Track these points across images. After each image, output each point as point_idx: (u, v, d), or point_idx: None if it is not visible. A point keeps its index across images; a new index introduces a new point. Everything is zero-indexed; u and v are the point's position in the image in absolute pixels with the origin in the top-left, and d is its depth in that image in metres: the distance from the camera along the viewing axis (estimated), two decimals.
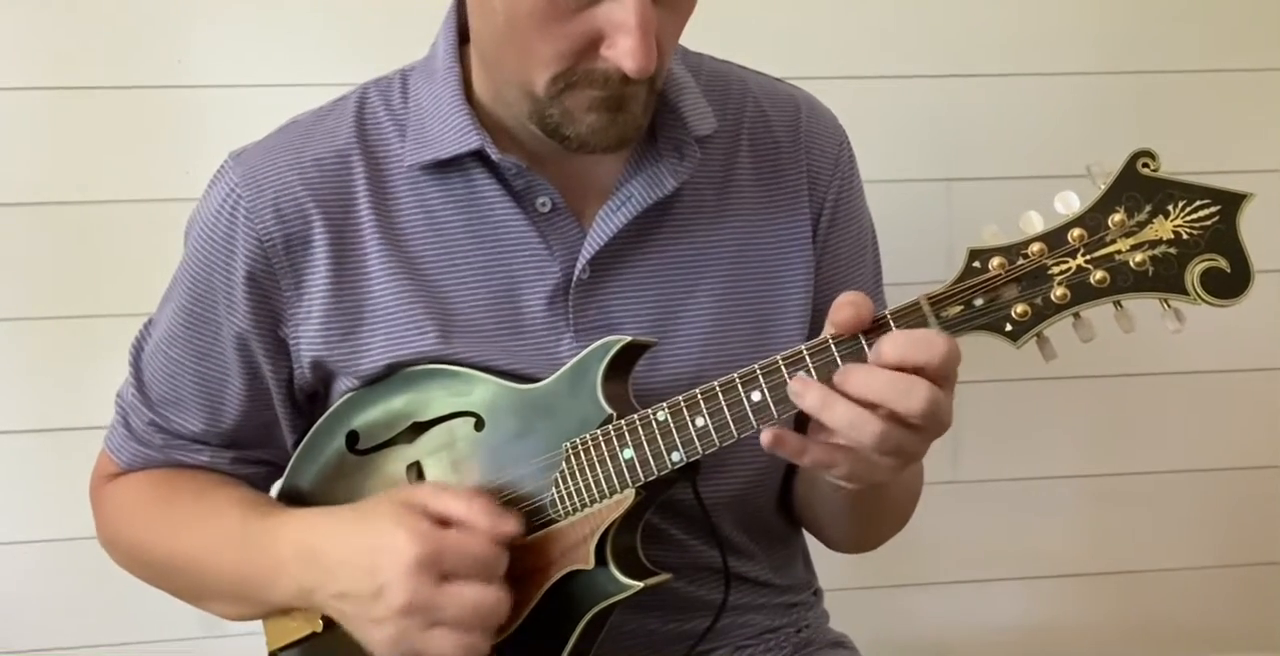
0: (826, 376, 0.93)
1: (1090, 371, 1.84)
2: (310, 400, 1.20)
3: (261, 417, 1.20)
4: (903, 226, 1.59)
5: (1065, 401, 1.86)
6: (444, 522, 1.00)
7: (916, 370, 0.89)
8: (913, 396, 0.89)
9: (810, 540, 1.33)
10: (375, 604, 0.98)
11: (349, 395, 1.15)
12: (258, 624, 1.20)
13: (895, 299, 1.06)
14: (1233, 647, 1.96)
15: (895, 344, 0.90)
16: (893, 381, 0.90)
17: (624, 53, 0.98)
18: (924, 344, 0.89)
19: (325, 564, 1.03)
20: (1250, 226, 0.88)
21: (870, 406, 0.90)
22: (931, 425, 0.91)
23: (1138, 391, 1.87)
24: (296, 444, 1.19)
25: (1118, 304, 0.89)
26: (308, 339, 1.13)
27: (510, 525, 1.00)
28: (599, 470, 1.02)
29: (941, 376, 0.90)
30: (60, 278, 1.67)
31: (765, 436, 0.94)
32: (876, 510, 1.20)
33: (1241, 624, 1.96)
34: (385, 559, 0.97)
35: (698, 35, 1.21)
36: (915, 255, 1.63)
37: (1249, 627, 1.96)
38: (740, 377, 0.96)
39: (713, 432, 0.98)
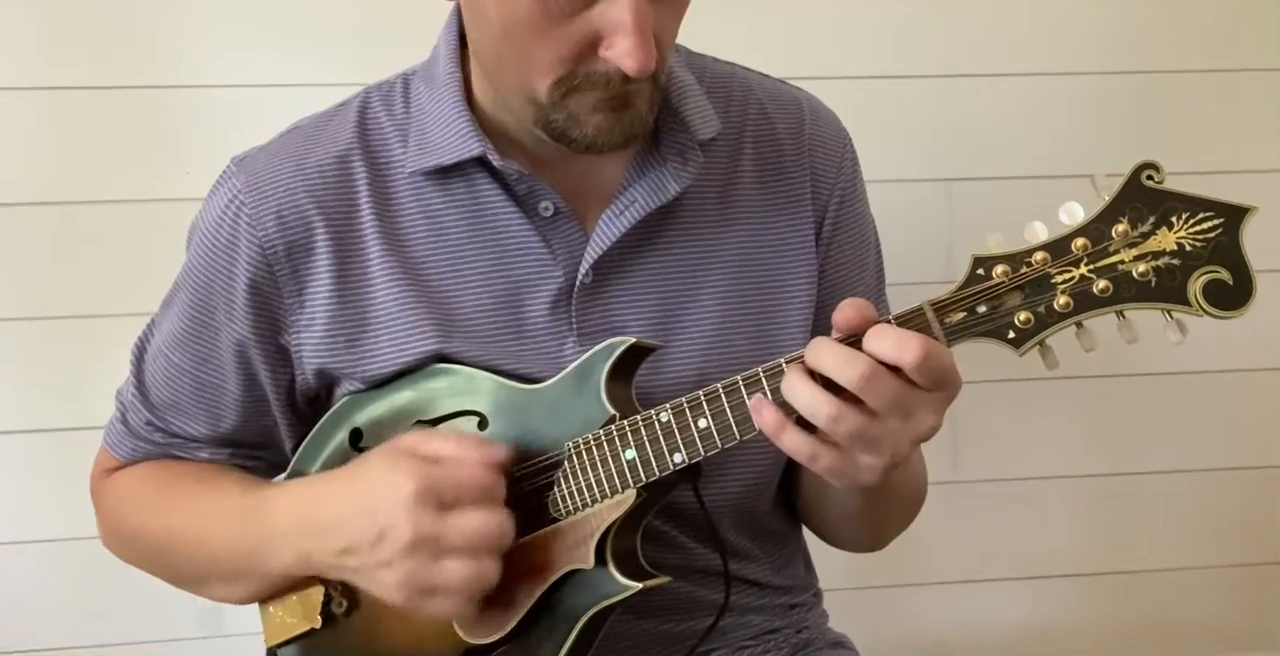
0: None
1: (1091, 371, 1.84)
2: (311, 404, 1.20)
3: (261, 422, 1.21)
4: (903, 227, 1.59)
5: (1065, 401, 1.86)
6: (435, 461, 1.00)
7: (894, 369, 0.90)
8: (850, 368, 0.89)
9: (810, 540, 1.33)
10: (381, 546, 0.98)
11: (353, 393, 1.15)
12: (257, 624, 1.20)
13: (895, 299, 1.06)
14: (1233, 647, 1.96)
15: (872, 339, 0.90)
16: (837, 352, 0.90)
17: (623, 53, 0.98)
18: (897, 345, 0.89)
19: (322, 524, 1.03)
20: (1250, 227, 0.88)
21: (828, 385, 0.91)
22: (881, 410, 0.90)
23: (1138, 391, 1.87)
24: (294, 450, 1.20)
25: (1120, 314, 0.89)
26: (310, 346, 1.14)
27: (500, 451, 1.01)
28: (601, 470, 1.02)
29: (922, 379, 0.90)
30: (60, 278, 1.68)
31: (753, 400, 0.94)
32: (885, 508, 1.20)
33: (1241, 624, 1.96)
34: (384, 500, 0.98)
35: (699, 35, 1.21)
36: (915, 256, 1.64)
37: (1249, 627, 1.96)
38: (743, 379, 0.96)
39: (715, 434, 0.98)
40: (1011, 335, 0.91)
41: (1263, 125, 1.84)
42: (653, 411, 1.00)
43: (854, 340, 0.92)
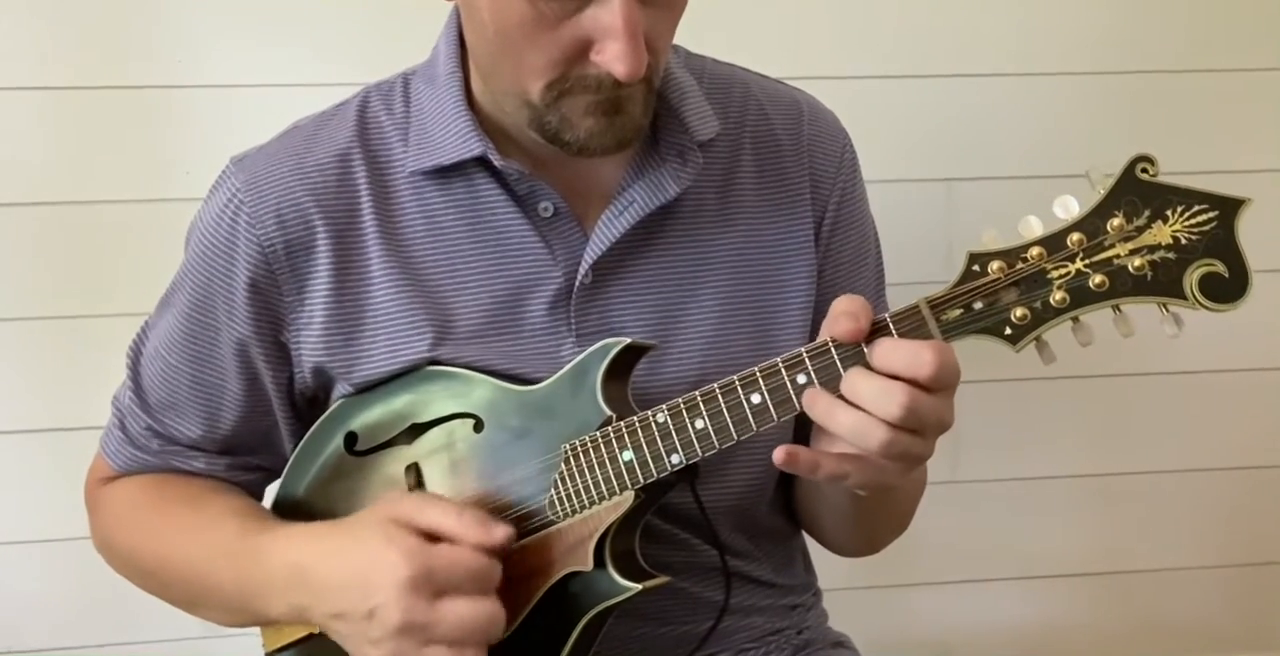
0: (826, 378, 0.93)
1: (1090, 371, 1.84)
2: (310, 404, 1.20)
3: (260, 424, 1.20)
4: (903, 226, 1.59)
5: (1065, 401, 1.86)
6: (433, 536, 0.99)
7: (908, 381, 0.90)
8: (890, 401, 0.89)
9: (810, 540, 1.33)
10: (370, 624, 0.97)
11: (348, 396, 1.14)
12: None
13: (894, 299, 1.06)
14: (1233, 647, 1.96)
15: (885, 356, 0.91)
16: (873, 387, 0.90)
17: (613, 57, 0.97)
18: (912, 360, 0.89)
19: (317, 584, 1.02)
20: (1249, 227, 0.88)
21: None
22: (920, 428, 0.91)
23: (1138, 391, 1.87)
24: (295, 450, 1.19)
25: (1116, 308, 0.89)
26: (309, 344, 1.13)
27: (501, 534, 1.00)
28: (598, 472, 1.02)
29: (938, 386, 0.90)
30: (60, 278, 1.67)
31: (778, 455, 0.94)
32: (882, 513, 1.20)
33: (1241, 624, 1.96)
34: (377, 579, 0.97)
35: (698, 36, 1.21)
36: (915, 255, 1.63)
37: (1249, 627, 1.96)
38: (740, 380, 0.96)
39: (712, 435, 0.98)
40: (1008, 331, 0.91)
41: (1262, 125, 1.84)
42: (650, 412, 1.00)
43: (855, 349, 0.93)
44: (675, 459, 0.99)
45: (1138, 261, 0.88)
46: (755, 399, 0.96)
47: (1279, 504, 1.93)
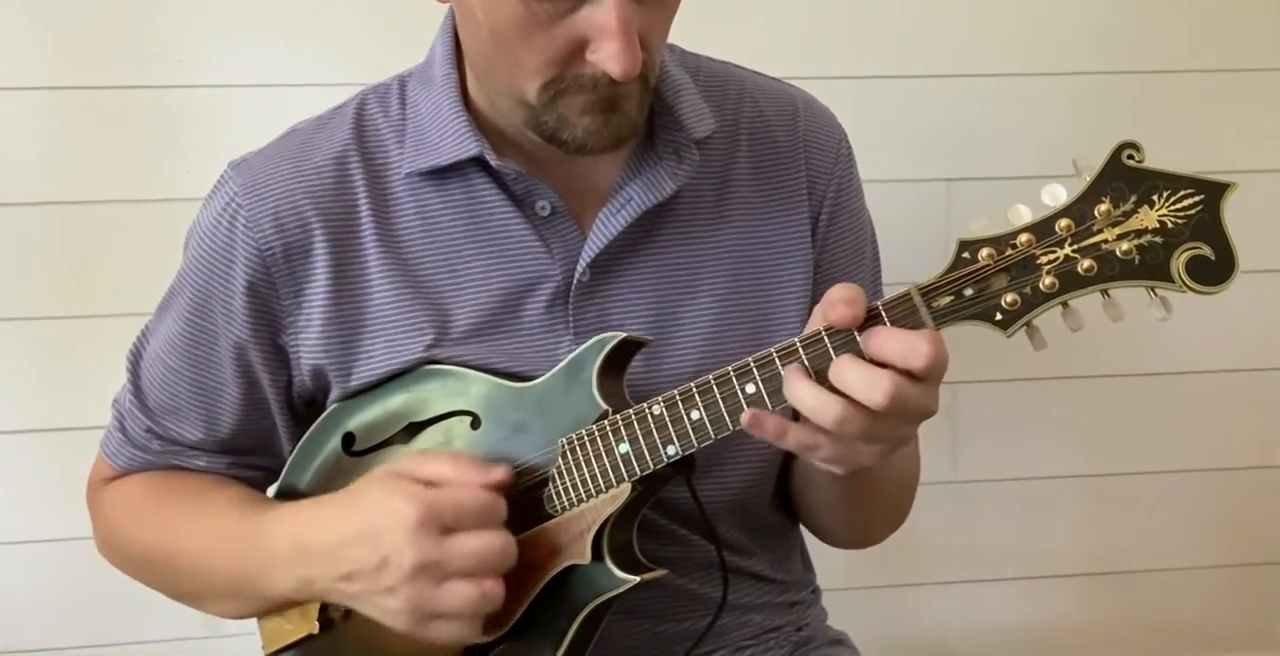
0: (820, 367, 0.93)
1: (1090, 371, 1.83)
2: (308, 407, 1.20)
3: (259, 426, 1.20)
4: (903, 226, 1.59)
5: (1065, 401, 1.86)
6: (433, 486, 1.00)
7: (900, 371, 0.90)
8: (875, 389, 0.89)
9: (809, 538, 1.33)
10: (383, 573, 0.98)
11: (345, 397, 1.15)
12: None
13: None
14: (1233, 647, 1.96)
15: (880, 345, 0.91)
16: (860, 376, 0.90)
17: (608, 56, 0.98)
18: (908, 350, 0.89)
19: (323, 551, 1.02)
20: (1250, 226, 0.88)
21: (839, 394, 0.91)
22: (900, 414, 0.91)
23: (1138, 391, 1.87)
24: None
25: (1105, 293, 0.89)
26: (308, 347, 1.14)
27: (499, 473, 1.01)
28: (595, 465, 1.02)
29: (928, 376, 0.90)
30: (60, 278, 1.68)
31: (745, 416, 0.95)
32: (869, 499, 1.20)
33: (1241, 624, 1.96)
34: (385, 526, 0.98)
35: (697, 35, 1.21)
36: (915, 255, 1.63)
37: (1249, 627, 1.96)
38: (734, 370, 0.96)
39: (708, 425, 0.98)
40: (999, 317, 0.91)
41: (1263, 125, 1.84)
42: (645, 405, 1.00)
43: (849, 337, 0.93)
44: (671, 450, 0.99)
45: (1125, 246, 0.88)
46: (750, 389, 0.96)
47: (1279, 504, 1.93)
